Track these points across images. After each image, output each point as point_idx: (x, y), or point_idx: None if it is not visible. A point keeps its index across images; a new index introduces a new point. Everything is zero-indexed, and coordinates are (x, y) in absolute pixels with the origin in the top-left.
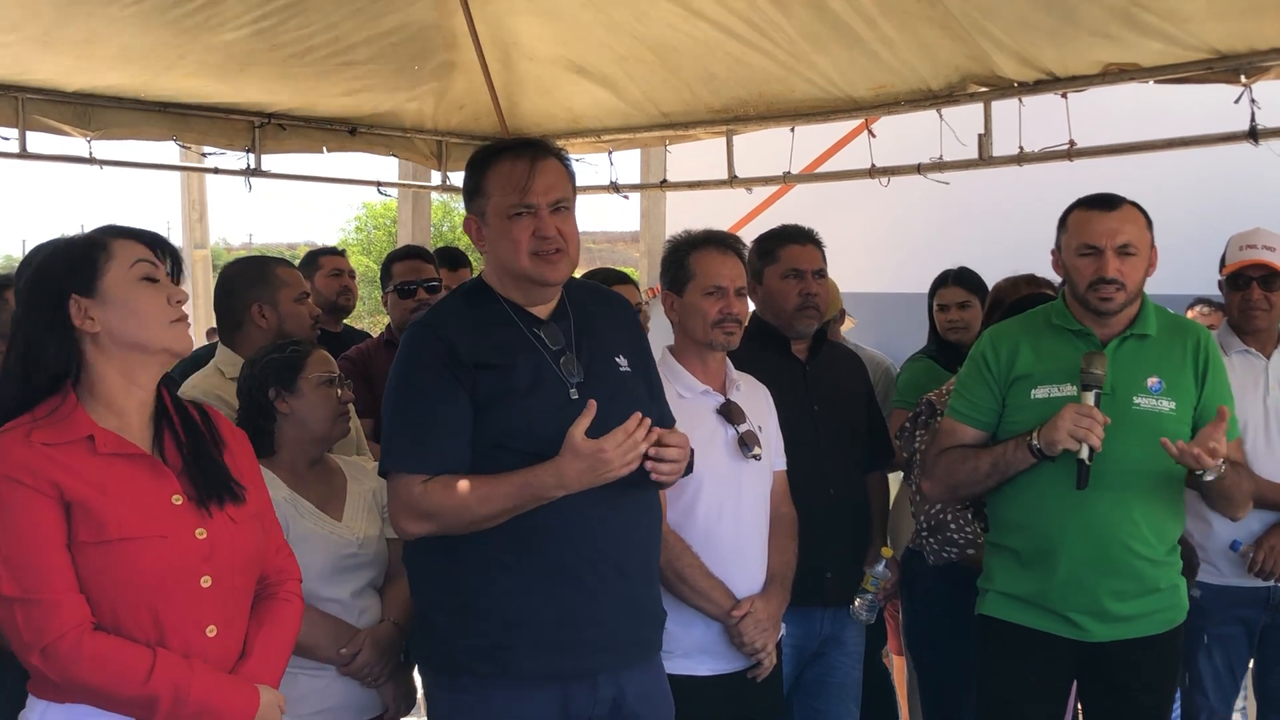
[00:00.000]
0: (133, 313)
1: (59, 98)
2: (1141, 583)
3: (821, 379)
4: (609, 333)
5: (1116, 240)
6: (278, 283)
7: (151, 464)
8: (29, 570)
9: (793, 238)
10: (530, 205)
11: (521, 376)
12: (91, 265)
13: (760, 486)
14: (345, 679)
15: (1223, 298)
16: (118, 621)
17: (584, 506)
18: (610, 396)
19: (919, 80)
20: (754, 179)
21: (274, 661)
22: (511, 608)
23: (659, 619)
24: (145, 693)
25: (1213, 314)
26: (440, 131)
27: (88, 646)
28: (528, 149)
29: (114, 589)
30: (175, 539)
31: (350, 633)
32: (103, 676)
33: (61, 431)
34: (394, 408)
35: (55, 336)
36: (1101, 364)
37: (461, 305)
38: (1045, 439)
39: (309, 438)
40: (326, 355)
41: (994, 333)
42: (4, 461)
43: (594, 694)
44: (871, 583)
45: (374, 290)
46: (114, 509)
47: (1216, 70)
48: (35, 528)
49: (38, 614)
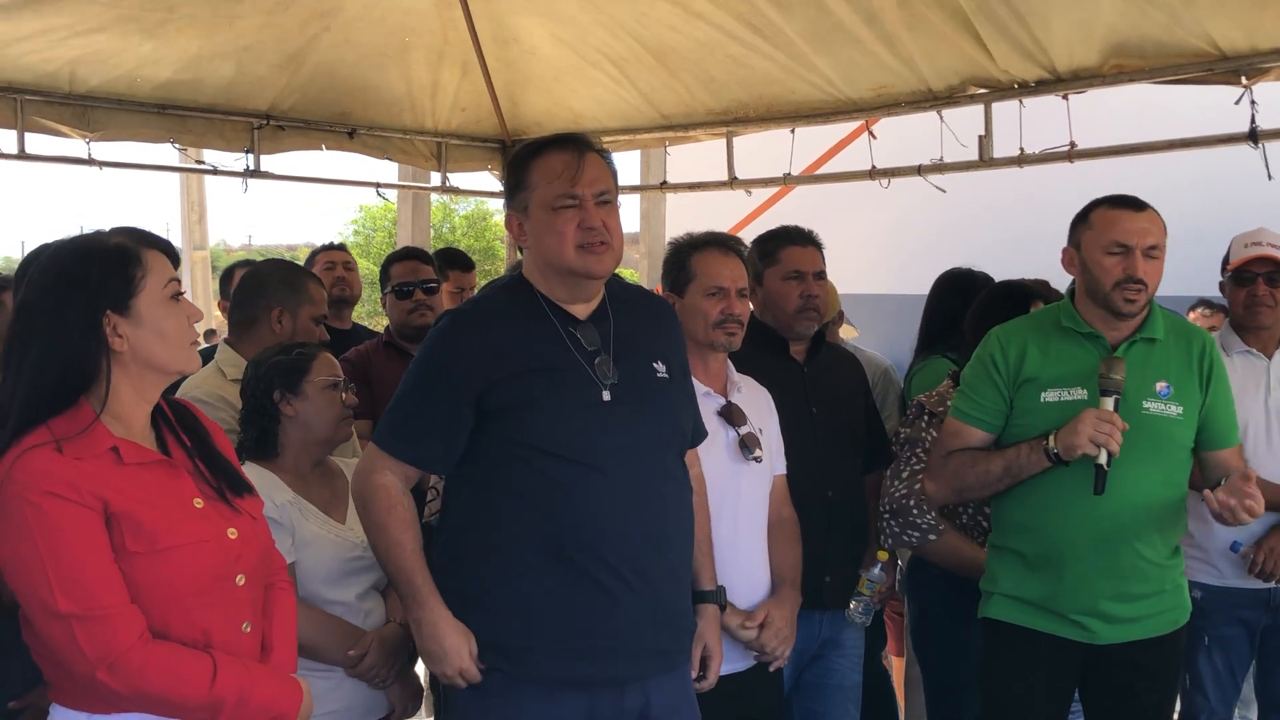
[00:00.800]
0: (161, 335)
1: (57, 98)
2: (1147, 585)
3: (820, 381)
4: (650, 338)
5: (1146, 241)
6: (304, 297)
7: (170, 469)
8: (83, 585)
9: (793, 239)
10: (575, 196)
11: (552, 378)
12: (128, 281)
13: (760, 489)
14: (353, 680)
15: (1224, 298)
16: (168, 628)
17: (612, 513)
18: (643, 402)
19: (919, 81)
20: (754, 180)
21: (293, 649)
22: (535, 612)
23: (688, 629)
24: (211, 698)
25: (1214, 315)
26: (440, 133)
27: (153, 658)
28: (573, 143)
29: (165, 597)
30: (216, 542)
31: (357, 635)
32: (171, 686)
33: (86, 445)
34: (401, 386)
35: (88, 351)
36: (1121, 370)
37: (499, 301)
38: (1064, 444)
39: (313, 440)
40: (332, 359)
41: (1001, 333)
42: (44, 478)
43: (620, 703)
44: (867, 586)
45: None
46: (157, 518)
47: (1217, 71)
48: (84, 542)
49: (99, 629)
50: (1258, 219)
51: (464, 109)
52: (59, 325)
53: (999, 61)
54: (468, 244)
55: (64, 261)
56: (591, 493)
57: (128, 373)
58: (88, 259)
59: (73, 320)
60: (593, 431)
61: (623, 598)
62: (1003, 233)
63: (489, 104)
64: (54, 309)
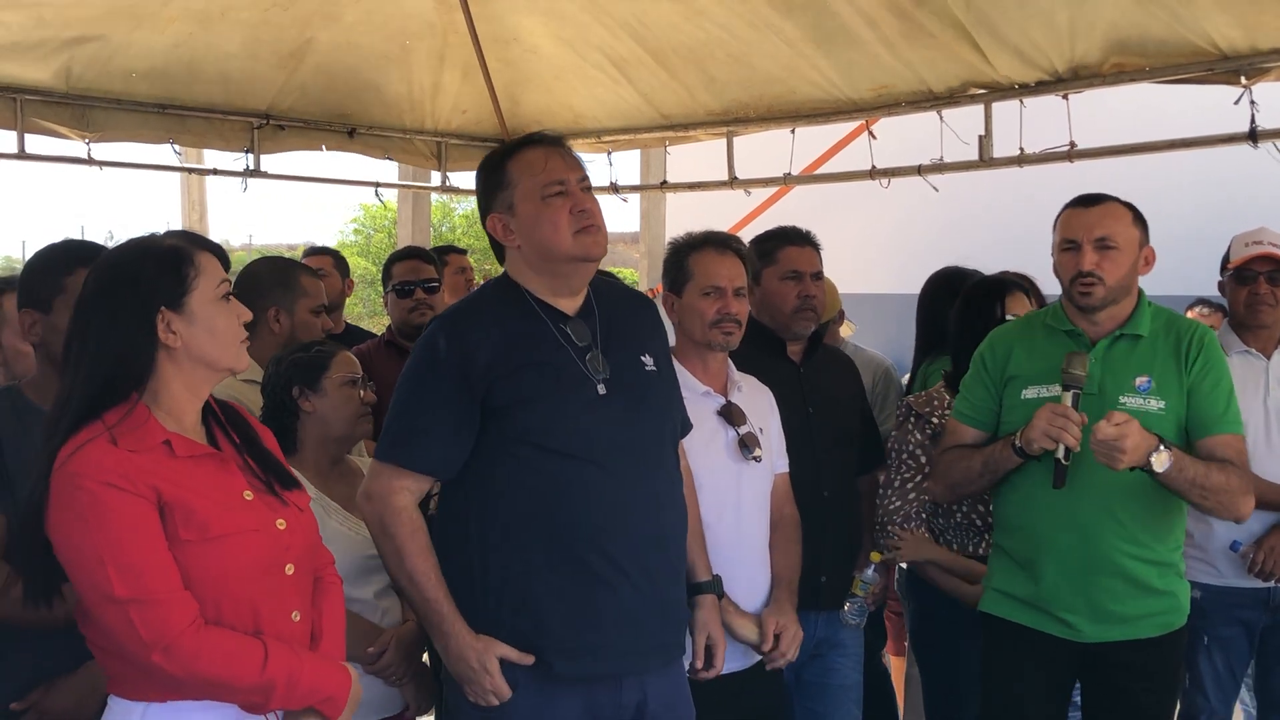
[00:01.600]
0: (212, 332)
1: (56, 98)
2: (1134, 582)
3: (816, 381)
4: (635, 332)
5: (1094, 234)
6: (299, 291)
7: (221, 462)
8: (138, 571)
9: (791, 239)
10: (563, 182)
11: (548, 374)
12: (182, 280)
13: (761, 488)
14: (369, 677)
15: (1224, 297)
16: (220, 615)
17: (613, 508)
18: (636, 396)
19: (919, 82)
20: (754, 180)
21: (341, 640)
22: (542, 611)
23: (683, 621)
24: (263, 680)
25: (1212, 315)
26: (440, 133)
27: (206, 642)
28: (542, 140)
29: (216, 584)
30: (265, 532)
31: (376, 632)
32: (224, 668)
33: (141, 438)
34: (396, 399)
35: (142, 347)
36: (1082, 364)
37: (487, 302)
38: (1024, 438)
39: (331, 437)
40: (351, 357)
41: (995, 334)
42: (100, 469)
43: (618, 698)
44: (861, 587)
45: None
46: (208, 508)
47: (1217, 71)
48: (139, 530)
49: (154, 614)
50: (1258, 219)
51: (465, 111)
52: (114, 322)
53: (999, 69)
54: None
55: (119, 262)
56: (591, 487)
57: (180, 369)
58: (142, 259)
59: (127, 317)
60: (590, 426)
61: (625, 593)
62: (1003, 233)
63: (489, 104)
64: (109, 307)
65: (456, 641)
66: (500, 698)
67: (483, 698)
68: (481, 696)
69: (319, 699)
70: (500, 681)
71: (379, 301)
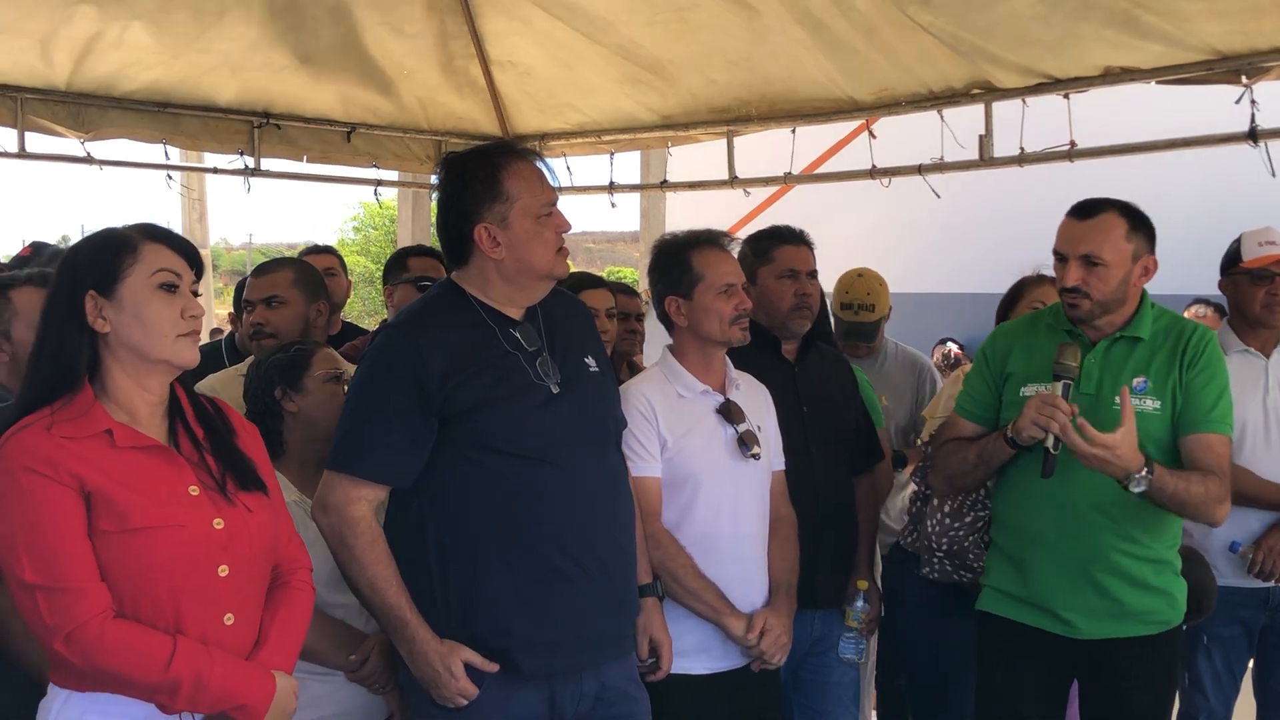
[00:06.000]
0: (141, 322)
1: (55, 97)
2: (1127, 579)
3: (811, 381)
4: (576, 334)
5: (1079, 250)
6: (325, 291)
7: (168, 456)
8: (51, 558)
9: (786, 238)
10: (553, 202)
11: (501, 379)
12: (115, 265)
13: (759, 486)
14: (352, 684)
15: (1227, 296)
16: (138, 609)
17: (572, 507)
18: (584, 397)
19: (919, 82)
20: (754, 179)
21: (289, 648)
22: (506, 608)
23: (635, 611)
24: (167, 679)
25: (1211, 314)
26: (440, 133)
27: (110, 633)
28: (518, 150)
29: (134, 577)
30: (193, 528)
31: (359, 639)
32: (125, 662)
33: (81, 426)
34: (350, 407)
35: (72, 330)
36: (1074, 355)
37: (435, 310)
38: (1014, 428)
39: (318, 436)
40: (332, 353)
41: (996, 331)
42: (25, 454)
43: (578, 689)
44: (854, 618)
45: (373, 291)
46: (134, 499)
47: (1217, 71)
48: (56, 517)
49: (61, 601)
50: (1257, 219)
51: (462, 118)
52: (52, 306)
53: (999, 69)
54: None
55: (71, 249)
56: (551, 487)
57: (116, 358)
58: (86, 245)
59: (61, 300)
60: (545, 428)
61: (585, 588)
62: (1003, 233)
63: (489, 103)
64: (50, 292)
65: (421, 646)
66: (467, 698)
67: (450, 700)
68: (449, 699)
69: (230, 705)
70: (466, 683)
71: (378, 300)
